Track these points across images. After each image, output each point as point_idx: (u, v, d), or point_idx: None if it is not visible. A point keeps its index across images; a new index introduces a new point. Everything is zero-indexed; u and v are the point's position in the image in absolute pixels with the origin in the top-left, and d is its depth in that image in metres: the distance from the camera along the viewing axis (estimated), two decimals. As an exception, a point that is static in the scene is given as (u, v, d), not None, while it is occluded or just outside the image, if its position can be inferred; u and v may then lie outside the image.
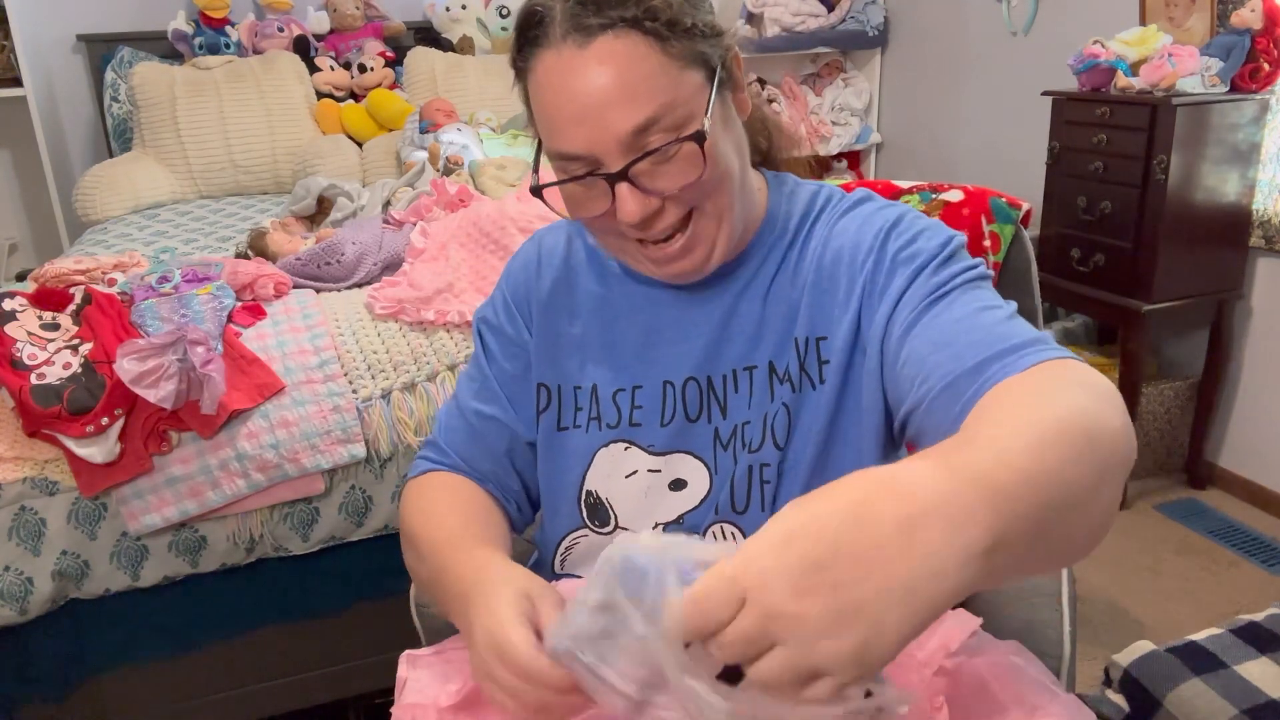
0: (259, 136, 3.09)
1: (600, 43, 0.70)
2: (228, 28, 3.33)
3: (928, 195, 1.30)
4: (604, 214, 0.75)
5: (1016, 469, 0.51)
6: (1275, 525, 2.39)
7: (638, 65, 0.70)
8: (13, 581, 1.41)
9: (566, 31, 0.71)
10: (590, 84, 0.70)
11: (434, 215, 2.06)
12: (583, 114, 0.71)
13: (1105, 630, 2.01)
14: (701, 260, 0.79)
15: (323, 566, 1.60)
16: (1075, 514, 0.54)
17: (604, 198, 0.74)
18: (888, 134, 3.98)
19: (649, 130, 0.71)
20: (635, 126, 0.71)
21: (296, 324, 1.65)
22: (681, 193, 0.74)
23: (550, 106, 0.73)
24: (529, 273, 0.93)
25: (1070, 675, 0.94)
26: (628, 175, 0.72)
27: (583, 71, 0.70)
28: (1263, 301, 2.44)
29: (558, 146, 0.74)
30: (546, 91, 0.73)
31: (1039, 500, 0.51)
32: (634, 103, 0.70)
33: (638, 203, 0.73)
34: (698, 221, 0.77)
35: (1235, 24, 2.26)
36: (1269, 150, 2.36)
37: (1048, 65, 2.87)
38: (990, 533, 0.48)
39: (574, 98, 0.71)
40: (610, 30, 0.70)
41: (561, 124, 0.72)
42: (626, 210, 0.73)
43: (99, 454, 1.39)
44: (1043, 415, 0.56)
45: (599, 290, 0.90)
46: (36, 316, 1.54)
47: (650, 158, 0.72)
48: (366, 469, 1.57)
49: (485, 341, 0.95)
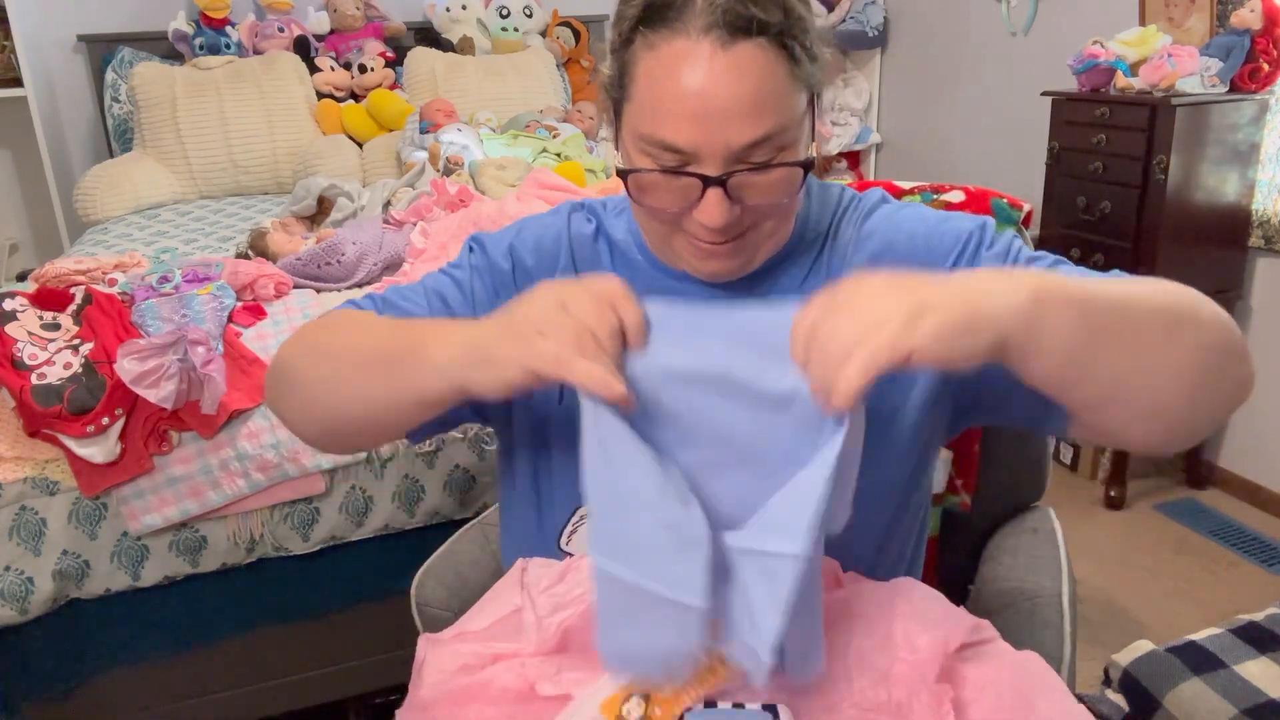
0: (259, 137, 3.09)
1: (743, 48, 0.68)
2: (228, 28, 3.33)
3: (929, 196, 1.30)
4: (678, 209, 0.75)
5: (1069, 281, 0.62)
6: (1275, 525, 2.40)
7: (770, 80, 0.69)
8: (13, 581, 1.41)
9: (711, 25, 0.68)
10: (722, 87, 0.68)
11: (434, 215, 2.06)
12: (705, 113, 0.69)
13: (1105, 630, 2.01)
14: (745, 263, 0.79)
15: (323, 566, 1.60)
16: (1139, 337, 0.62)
17: (688, 195, 0.73)
18: (887, 134, 3.98)
19: (760, 145, 0.71)
20: (753, 140, 0.70)
21: (297, 324, 1.65)
22: (766, 209, 0.75)
23: (668, 95, 0.70)
24: (558, 246, 0.90)
25: (1070, 675, 0.94)
26: (725, 182, 0.71)
27: (718, 73, 0.68)
28: (1262, 301, 2.44)
29: (661, 135, 0.71)
30: (669, 79, 0.70)
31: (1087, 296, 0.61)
32: (759, 116, 0.69)
33: (723, 210, 0.72)
34: (756, 231, 0.77)
35: (1235, 24, 2.26)
36: (1268, 150, 2.36)
37: (1047, 65, 2.87)
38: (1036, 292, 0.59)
39: (700, 94, 0.69)
40: (754, 39, 0.68)
41: (675, 115, 0.70)
42: (711, 214, 0.72)
43: (99, 454, 1.39)
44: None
45: (626, 268, 0.88)
46: (37, 316, 1.54)
47: (751, 172, 0.71)
48: (367, 469, 1.57)
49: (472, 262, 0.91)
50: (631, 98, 0.74)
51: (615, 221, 0.90)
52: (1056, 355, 0.60)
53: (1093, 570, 2.22)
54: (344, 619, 1.63)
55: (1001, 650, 0.77)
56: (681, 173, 0.72)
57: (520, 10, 3.59)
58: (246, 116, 3.08)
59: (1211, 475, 2.60)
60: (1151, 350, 0.61)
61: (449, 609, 1.06)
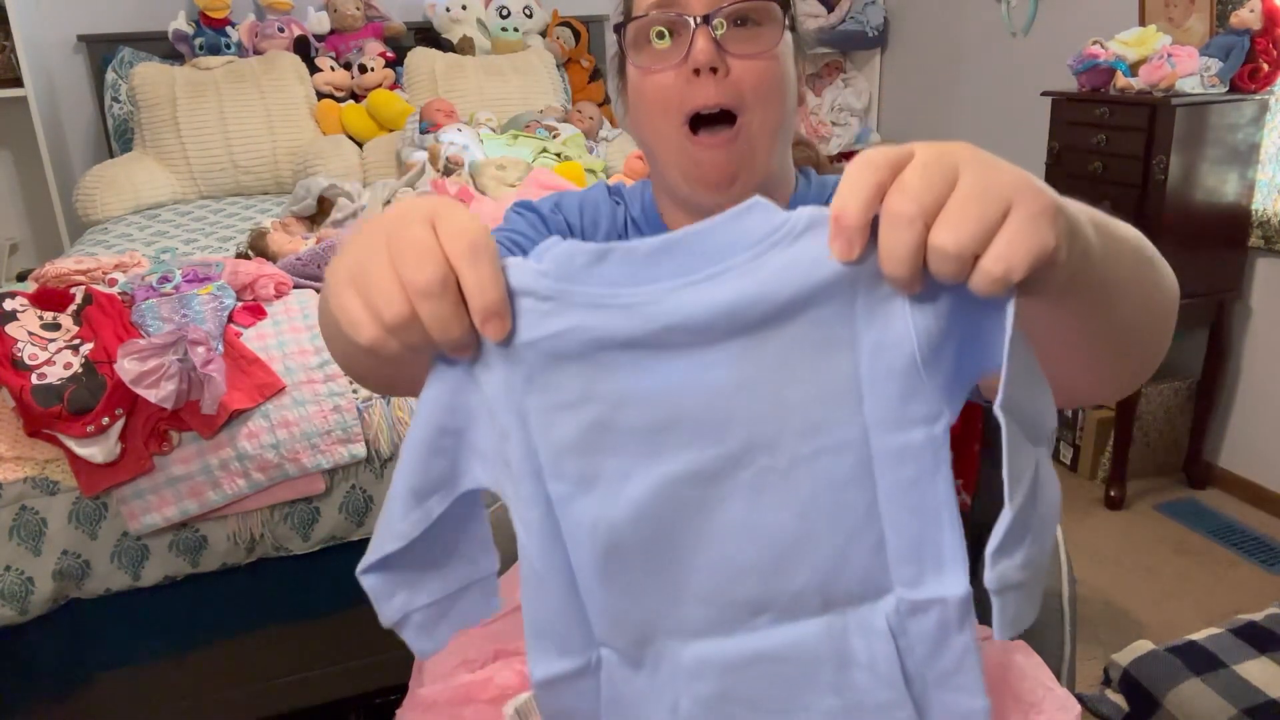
0: (259, 137, 3.09)
1: None
2: (228, 28, 3.32)
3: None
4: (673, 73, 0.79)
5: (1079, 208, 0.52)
6: (1275, 525, 2.40)
7: None
8: (13, 581, 1.41)
9: None
10: None
11: (434, 215, 2.06)
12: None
13: (1105, 630, 2.01)
14: (737, 165, 0.81)
15: (323, 566, 1.60)
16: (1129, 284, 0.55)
17: (678, 49, 0.79)
18: (887, 134, 3.98)
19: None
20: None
21: (297, 324, 1.65)
22: (747, 65, 0.79)
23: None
24: (598, 213, 0.93)
25: (1070, 675, 0.94)
26: (709, 21, 0.77)
27: None
28: (1262, 301, 2.44)
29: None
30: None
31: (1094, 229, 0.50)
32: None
33: (710, 48, 0.77)
34: (743, 122, 0.80)
35: (1234, 24, 2.26)
36: (1268, 150, 2.36)
37: (1047, 65, 2.87)
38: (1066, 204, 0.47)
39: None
40: None
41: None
42: (698, 49, 0.77)
43: (99, 454, 1.39)
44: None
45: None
46: (37, 316, 1.54)
47: (733, 15, 0.77)
48: (367, 469, 1.57)
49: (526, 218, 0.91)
50: (631, 7, 0.82)
51: (634, 202, 0.94)
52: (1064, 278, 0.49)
53: (1093, 570, 2.22)
54: (344, 619, 1.63)
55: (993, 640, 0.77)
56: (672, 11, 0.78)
57: (520, 10, 3.59)
58: (246, 116, 3.08)
59: (1211, 475, 2.60)
60: (1128, 281, 0.55)
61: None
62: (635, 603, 0.54)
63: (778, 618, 0.53)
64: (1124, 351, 0.60)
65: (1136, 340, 0.60)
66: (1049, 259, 0.43)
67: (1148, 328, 0.60)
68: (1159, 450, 2.61)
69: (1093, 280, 0.51)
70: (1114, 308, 0.55)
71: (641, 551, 0.52)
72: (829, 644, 0.53)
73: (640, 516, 0.51)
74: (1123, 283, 0.54)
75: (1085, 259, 0.48)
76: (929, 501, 0.49)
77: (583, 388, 0.49)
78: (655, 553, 0.52)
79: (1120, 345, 0.59)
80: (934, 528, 0.49)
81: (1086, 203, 0.52)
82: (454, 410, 0.50)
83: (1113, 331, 0.57)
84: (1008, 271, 0.42)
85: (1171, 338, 0.64)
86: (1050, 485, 0.49)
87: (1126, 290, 0.55)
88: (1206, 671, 1.25)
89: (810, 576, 0.51)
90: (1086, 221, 0.49)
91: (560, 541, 0.52)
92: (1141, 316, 0.59)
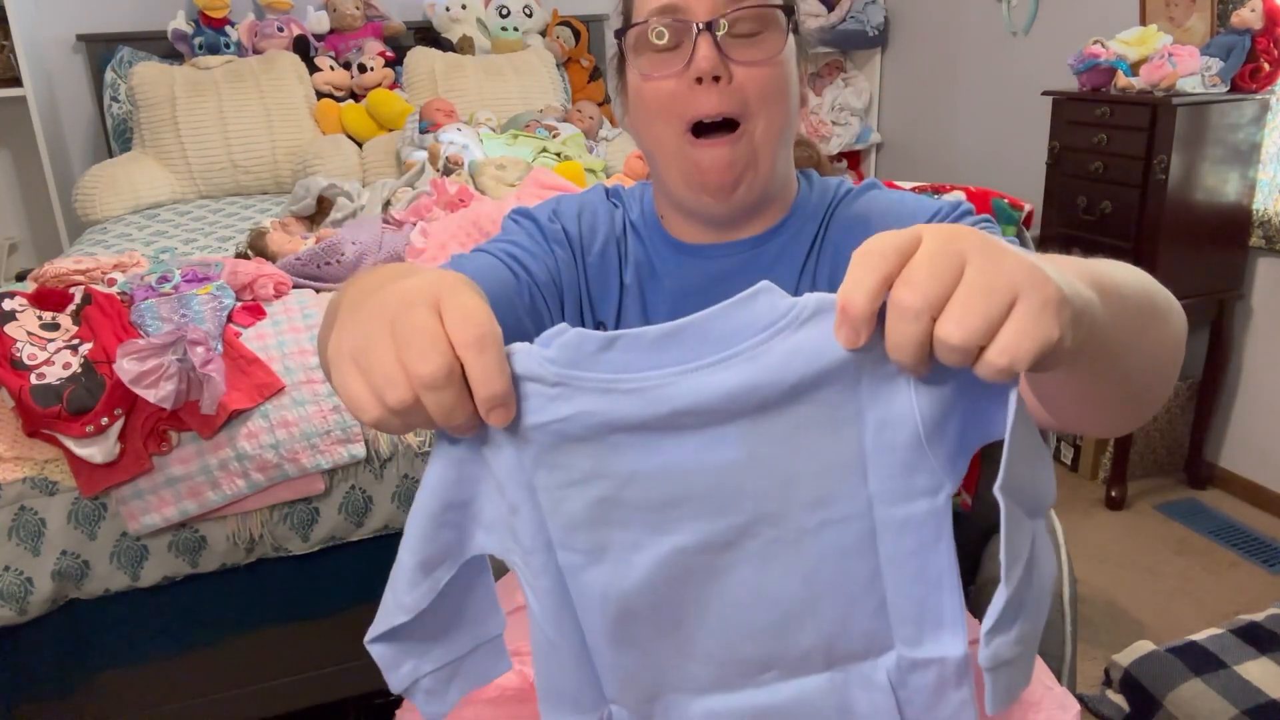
0: (259, 136, 3.09)
1: None
2: (227, 28, 3.32)
3: (929, 196, 1.30)
4: (675, 80, 0.79)
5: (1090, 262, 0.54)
6: (1275, 525, 2.39)
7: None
8: (12, 581, 1.41)
9: None
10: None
11: (434, 215, 2.06)
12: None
13: (1105, 630, 2.01)
14: (739, 171, 0.81)
15: (323, 566, 1.60)
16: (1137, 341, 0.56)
17: (680, 56, 0.78)
18: (888, 134, 3.98)
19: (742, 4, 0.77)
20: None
21: (296, 324, 1.65)
22: (750, 72, 0.78)
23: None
24: (596, 218, 0.92)
25: (1070, 675, 0.94)
26: (713, 28, 0.76)
27: None
28: (1263, 301, 2.44)
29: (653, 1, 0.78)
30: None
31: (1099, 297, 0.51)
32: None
33: (713, 55, 0.77)
34: (746, 129, 0.80)
35: (1235, 24, 2.26)
36: (1269, 150, 2.36)
37: (1048, 65, 2.87)
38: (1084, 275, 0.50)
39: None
40: None
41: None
42: (701, 56, 0.76)
43: (99, 454, 1.39)
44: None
45: (641, 249, 0.91)
46: (36, 316, 1.54)
47: (737, 23, 0.77)
48: (366, 469, 1.57)
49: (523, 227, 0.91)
50: (632, 11, 0.82)
51: (633, 205, 0.94)
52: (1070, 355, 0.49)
53: (1093, 570, 2.22)
54: (344, 619, 1.63)
55: None
56: (674, 17, 0.77)
57: (520, 10, 3.59)
58: (246, 116, 3.08)
59: (1212, 475, 2.60)
60: (1136, 341, 0.58)
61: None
62: (645, 663, 0.55)
63: (783, 675, 0.55)
64: (1132, 397, 0.62)
65: (1145, 386, 0.62)
66: (1053, 349, 0.44)
67: (1156, 373, 0.62)
68: (1160, 450, 2.61)
69: (1100, 348, 0.52)
70: (1121, 365, 0.57)
71: (651, 615, 0.53)
72: (832, 697, 0.55)
73: (650, 583, 0.52)
74: (1130, 342, 0.56)
75: (1091, 333, 0.49)
76: (931, 568, 0.50)
77: (591, 466, 0.50)
78: (665, 616, 0.53)
79: (1129, 393, 0.61)
80: (935, 592, 0.51)
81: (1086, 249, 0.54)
82: (460, 484, 0.51)
83: (1121, 384, 0.59)
84: (1012, 363, 0.43)
85: (1180, 369, 0.66)
86: (1046, 559, 0.51)
87: (1134, 347, 0.57)
88: (1207, 672, 1.25)
89: (815, 638, 0.53)
90: (1091, 293, 0.50)
91: (570, 607, 0.53)
92: (1150, 365, 0.61)
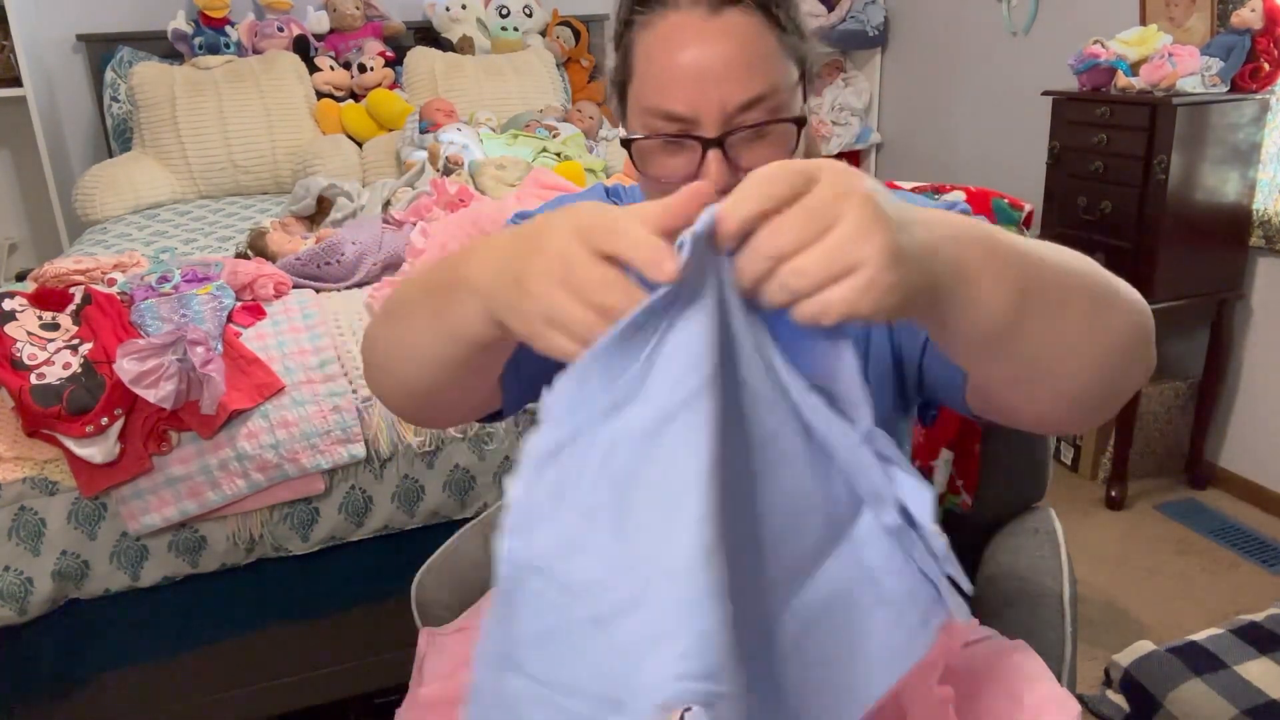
0: (259, 136, 3.09)
1: (729, 15, 0.74)
2: (227, 28, 3.32)
3: (929, 196, 1.30)
4: (680, 178, 0.77)
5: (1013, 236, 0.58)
6: (1275, 525, 2.39)
7: (758, 43, 0.74)
8: (12, 581, 1.41)
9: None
10: (713, 52, 0.73)
11: (434, 215, 2.06)
12: (699, 78, 0.73)
13: (1105, 630, 2.01)
14: None
15: (323, 566, 1.60)
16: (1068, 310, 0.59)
17: (689, 162, 0.77)
18: (888, 134, 3.98)
19: (754, 107, 0.74)
20: (747, 100, 0.74)
21: (296, 324, 1.65)
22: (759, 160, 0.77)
23: (666, 66, 0.75)
24: None
25: (1071, 675, 0.94)
26: (723, 143, 0.75)
27: (708, 39, 0.74)
28: (1263, 301, 2.44)
29: (663, 104, 0.76)
30: (665, 51, 0.75)
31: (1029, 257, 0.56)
32: (750, 77, 0.74)
33: (723, 172, 0.75)
34: None
35: (1235, 24, 2.26)
36: (1269, 150, 2.36)
37: (1048, 65, 2.87)
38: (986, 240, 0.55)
39: (695, 61, 0.74)
40: (738, 5, 0.74)
41: (674, 84, 0.75)
42: (711, 174, 0.75)
43: (99, 454, 1.39)
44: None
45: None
46: (36, 316, 1.54)
47: (748, 132, 0.75)
48: (366, 469, 1.57)
49: None
50: (634, 77, 0.79)
51: (632, 203, 0.94)
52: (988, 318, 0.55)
53: (1093, 570, 2.22)
54: (344, 619, 1.63)
55: (992, 638, 0.77)
56: (682, 137, 0.76)
57: (520, 10, 3.59)
58: (246, 116, 3.08)
59: (1212, 475, 2.60)
60: (1079, 327, 0.59)
61: (449, 609, 1.06)
62: None
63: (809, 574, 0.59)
64: (1069, 385, 0.63)
65: (1084, 374, 0.62)
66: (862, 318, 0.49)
67: (1097, 363, 0.62)
68: (1160, 450, 2.61)
69: (1030, 332, 0.56)
70: (1046, 346, 0.59)
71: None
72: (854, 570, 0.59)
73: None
74: (1057, 324, 0.58)
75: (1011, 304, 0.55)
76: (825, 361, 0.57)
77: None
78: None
79: (1064, 381, 0.62)
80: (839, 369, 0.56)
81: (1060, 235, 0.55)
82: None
83: (1052, 369, 0.61)
84: (816, 317, 0.49)
85: (1153, 357, 0.67)
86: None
87: (1081, 331, 0.59)
88: (1207, 672, 1.25)
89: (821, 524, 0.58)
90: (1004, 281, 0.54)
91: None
92: (1088, 352, 0.61)
